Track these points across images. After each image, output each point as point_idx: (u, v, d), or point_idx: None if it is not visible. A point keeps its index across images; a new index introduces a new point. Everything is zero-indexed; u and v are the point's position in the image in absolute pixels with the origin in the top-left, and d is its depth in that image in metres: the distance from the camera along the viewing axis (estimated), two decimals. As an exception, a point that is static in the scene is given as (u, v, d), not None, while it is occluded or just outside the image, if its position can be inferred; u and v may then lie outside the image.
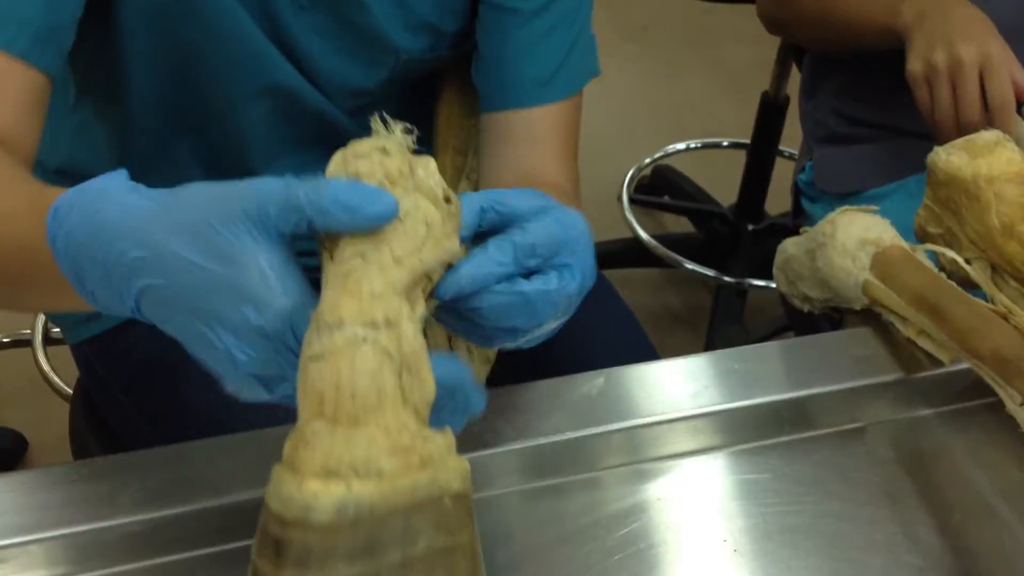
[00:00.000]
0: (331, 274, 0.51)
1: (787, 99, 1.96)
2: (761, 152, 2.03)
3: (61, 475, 0.67)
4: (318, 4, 0.85)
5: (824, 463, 0.75)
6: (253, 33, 0.83)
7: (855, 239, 0.82)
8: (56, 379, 1.71)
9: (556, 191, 0.89)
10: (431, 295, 0.55)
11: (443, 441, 0.51)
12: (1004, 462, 0.76)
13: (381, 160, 0.53)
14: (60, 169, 0.93)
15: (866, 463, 0.75)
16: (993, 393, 0.75)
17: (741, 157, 2.11)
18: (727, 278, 2.05)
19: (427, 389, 0.51)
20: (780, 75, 1.95)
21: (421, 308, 0.53)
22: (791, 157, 2.15)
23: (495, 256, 0.56)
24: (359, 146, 0.54)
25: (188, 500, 0.66)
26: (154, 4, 0.81)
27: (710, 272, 2.08)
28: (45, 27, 0.73)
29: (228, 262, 0.50)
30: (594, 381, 0.75)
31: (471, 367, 0.77)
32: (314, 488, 0.47)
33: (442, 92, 0.96)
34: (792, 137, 1.99)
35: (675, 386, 0.76)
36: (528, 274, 0.57)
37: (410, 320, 0.51)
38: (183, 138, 0.90)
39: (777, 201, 2.09)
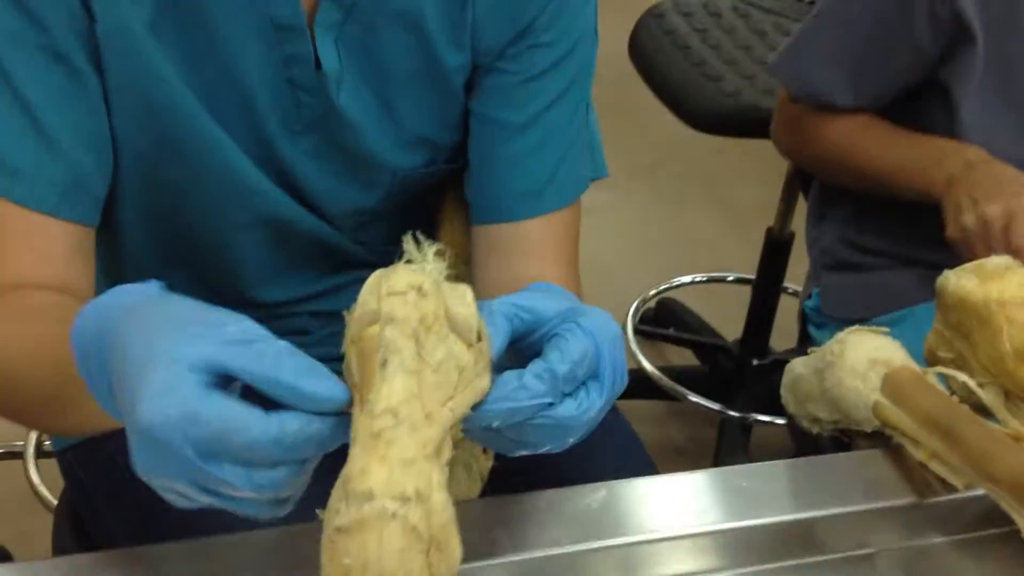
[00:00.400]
0: (361, 428, 0.51)
1: (792, 235, 1.96)
2: (766, 287, 2.03)
3: (39, 571, 0.65)
4: (312, 129, 0.85)
5: (834, 589, 0.72)
6: (243, 165, 0.83)
7: (865, 359, 0.80)
8: (46, 493, 1.67)
9: None
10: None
11: None
12: (1021, 594, 0.73)
13: (417, 303, 0.52)
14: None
15: (878, 591, 0.72)
16: (1010, 522, 0.72)
17: (746, 292, 2.11)
18: (732, 412, 2.03)
19: (454, 559, 0.51)
20: (785, 212, 1.96)
21: (448, 452, 0.53)
22: (795, 294, 2.15)
23: (533, 388, 0.55)
24: (395, 280, 0.53)
25: (168, 603, 0.64)
26: (142, 150, 0.82)
27: (715, 405, 2.06)
28: (70, 183, 0.77)
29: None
30: (595, 494, 0.73)
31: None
32: None
33: (444, 199, 0.96)
34: (796, 275, 2.00)
35: (679, 502, 0.74)
36: None
37: (440, 488, 0.51)
38: (176, 270, 0.90)
39: (782, 337, 2.08)
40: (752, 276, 2.07)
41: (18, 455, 1.72)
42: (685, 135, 1.93)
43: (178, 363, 0.50)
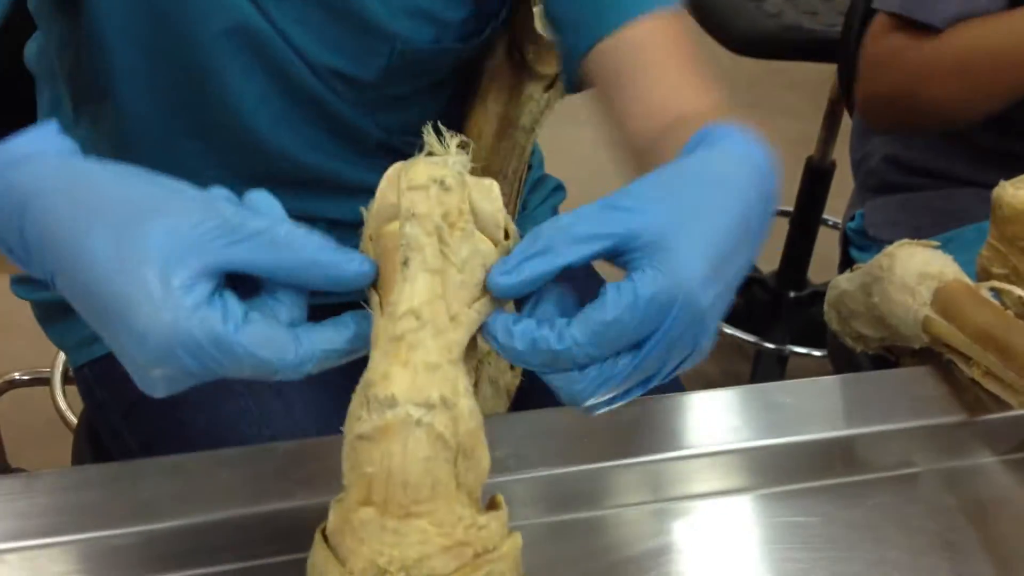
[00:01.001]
0: (381, 332, 0.48)
1: (834, 164, 1.91)
2: (805, 217, 1.98)
3: (49, 482, 0.63)
4: None
5: (879, 509, 0.69)
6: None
7: (915, 273, 0.76)
8: (73, 419, 1.67)
9: (701, 120, 0.71)
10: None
11: (497, 525, 0.48)
12: (1076, 515, 0.69)
13: (440, 197, 0.49)
14: None
15: (924, 510, 0.69)
16: (1065, 441, 0.69)
17: (782, 225, 2.06)
18: (768, 344, 1.99)
19: (482, 468, 0.48)
20: (827, 140, 1.90)
21: (475, 357, 0.50)
22: (834, 226, 2.10)
23: (527, 354, 0.48)
24: (415, 172, 0.49)
25: (182, 514, 0.61)
26: None
27: (751, 337, 2.02)
28: None
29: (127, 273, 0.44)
30: (628, 409, 0.69)
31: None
32: None
33: (473, 108, 0.92)
34: (834, 208, 1.95)
35: (717, 418, 0.70)
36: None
37: (466, 394, 0.48)
38: (190, 140, 0.86)
39: (819, 271, 2.03)
40: (790, 208, 2.02)
41: (45, 381, 1.71)
42: (722, 64, 1.87)
43: (186, 272, 0.44)
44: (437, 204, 0.49)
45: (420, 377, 0.46)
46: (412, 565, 0.45)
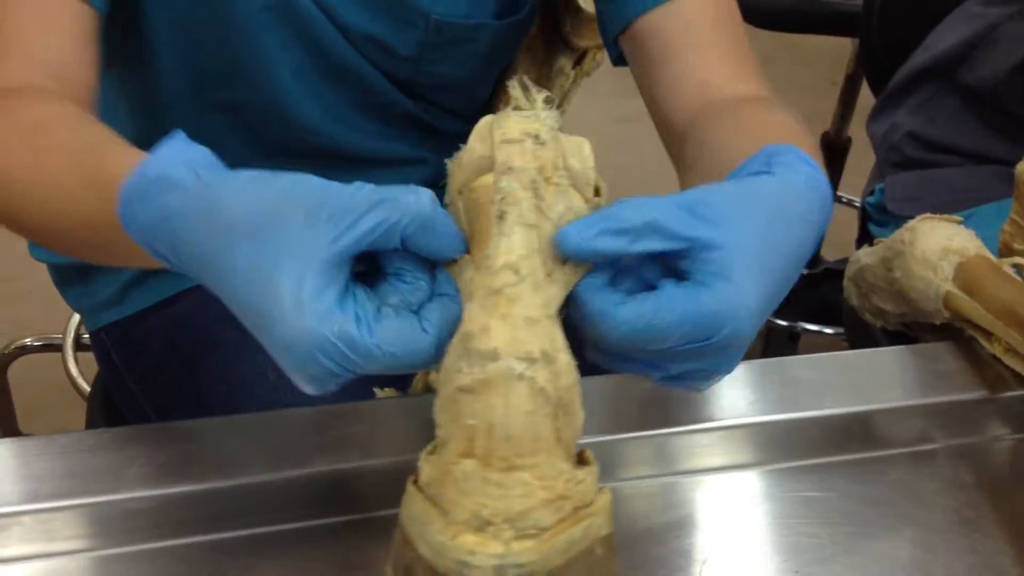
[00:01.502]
0: (478, 286, 0.47)
1: (849, 140, 1.89)
2: (820, 194, 1.96)
3: (64, 444, 0.62)
4: None
5: (898, 485, 0.68)
6: None
7: (937, 248, 0.75)
8: (84, 386, 1.66)
9: (746, 105, 0.73)
10: None
11: (591, 480, 0.48)
12: (1097, 494, 0.69)
13: (535, 152, 0.48)
14: None
15: (943, 487, 0.68)
16: (1087, 420, 0.68)
17: (797, 201, 2.05)
18: (779, 321, 1.98)
19: (578, 423, 0.48)
20: (843, 115, 1.88)
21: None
22: (848, 203, 2.09)
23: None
24: (507, 126, 0.49)
25: (197, 479, 0.61)
26: None
27: (761, 315, 2.01)
28: None
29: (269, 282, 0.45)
30: (646, 382, 0.69)
31: None
32: (470, 544, 0.45)
33: (505, 80, 0.90)
34: (848, 184, 1.94)
35: (733, 392, 0.70)
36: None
37: (564, 349, 0.47)
38: (217, 113, 0.85)
39: (832, 248, 2.02)
40: (804, 183, 2.00)
41: (56, 347, 1.71)
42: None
43: (315, 275, 0.44)
44: (533, 158, 0.48)
45: (520, 331, 0.46)
46: (516, 517, 0.45)
